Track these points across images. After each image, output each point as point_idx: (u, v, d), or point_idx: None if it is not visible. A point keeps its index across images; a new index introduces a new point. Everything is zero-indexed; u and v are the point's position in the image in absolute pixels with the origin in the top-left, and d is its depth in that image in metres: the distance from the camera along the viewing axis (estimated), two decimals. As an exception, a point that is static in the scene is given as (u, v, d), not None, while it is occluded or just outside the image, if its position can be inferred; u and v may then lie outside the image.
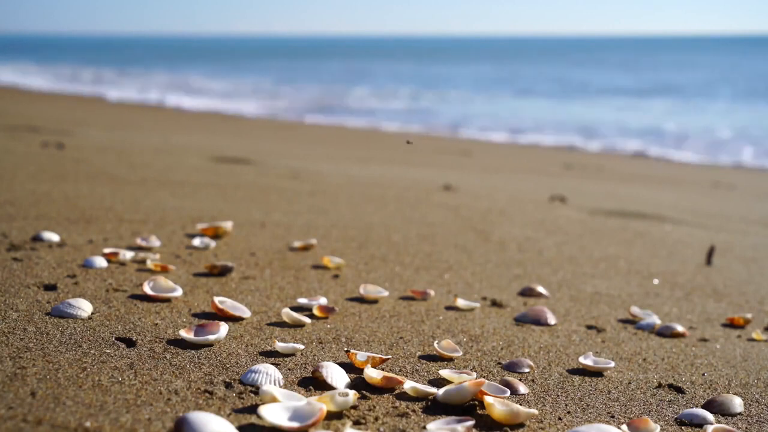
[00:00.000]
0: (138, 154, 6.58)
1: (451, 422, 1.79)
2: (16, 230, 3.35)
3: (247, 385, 1.93)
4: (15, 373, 1.85)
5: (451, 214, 4.85)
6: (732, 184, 8.76)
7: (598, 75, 36.73)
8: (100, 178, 5.04)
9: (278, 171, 6.33)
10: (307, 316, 2.57)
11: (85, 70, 34.89)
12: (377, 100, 22.76)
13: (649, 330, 2.79)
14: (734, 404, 2.11)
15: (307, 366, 2.12)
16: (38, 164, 5.36)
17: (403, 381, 1.99)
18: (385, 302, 2.84)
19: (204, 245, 3.38)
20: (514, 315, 2.82)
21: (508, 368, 2.27)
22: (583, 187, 7.40)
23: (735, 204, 7.03)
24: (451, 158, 9.70)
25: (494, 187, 6.66)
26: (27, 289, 2.54)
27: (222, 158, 6.92)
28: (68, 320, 2.27)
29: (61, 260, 2.94)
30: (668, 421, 2.00)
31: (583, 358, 2.33)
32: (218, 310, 2.45)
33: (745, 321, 2.97)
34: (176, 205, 4.29)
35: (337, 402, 1.80)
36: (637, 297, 3.26)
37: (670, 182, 8.73)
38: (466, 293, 3.06)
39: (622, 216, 5.42)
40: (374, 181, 6.24)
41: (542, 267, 3.63)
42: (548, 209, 5.42)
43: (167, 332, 2.27)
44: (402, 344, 2.40)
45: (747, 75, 35.55)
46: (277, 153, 8.27)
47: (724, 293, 3.46)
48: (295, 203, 4.76)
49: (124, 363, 2.00)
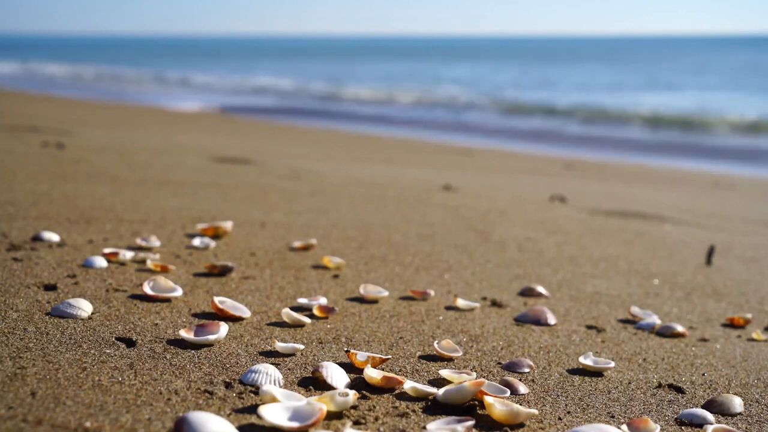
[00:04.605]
0: (138, 154, 6.58)
1: (451, 422, 1.79)
2: (16, 230, 3.35)
3: (247, 385, 1.93)
4: (15, 373, 1.84)
5: (451, 214, 4.85)
6: (732, 184, 8.76)
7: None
8: (100, 178, 5.04)
9: (278, 171, 6.33)
10: (307, 316, 2.57)
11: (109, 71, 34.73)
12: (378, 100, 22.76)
13: (649, 330, 2.79)
14: (734, 404, 2.11)
15: (307, 366, 2.12)
16: (38, 164, 5.36)
17: (403, 381, 1.99)
18: (385, 302, 2.84)
19: (204, 245, 3.38)
20: (514, 315, 2.82)
21: (508, 368, 2.27)
22: (583, 187, 7.40)
23: (735, 204, 7.03)
24: (451, 158, 9.70)
25: (494, 187, 6.66)
26: (27, 289, 2.54)
27: (222, 158, 6.92)
28: (68, 320, 2.27)
29: (61, 260, 2.94)
30: (668, 421, 2.00)
31: (583, 358, 2.33)
32: (218, 310, 2.45)
33: (745, 321, 2.97)
34: (176, 205, 4.29)
35: (337, 402, 1.80)
36: (637, 297, 3.26)
37: (670, 182, 8.72)
38: (466, 293, 3.06)
39: (622, 216, 5.42)
40: (374, 181, 6.24)
41: (542, 267, 3.63)
42: (548, 209, 5.42)
43: (167, 332, 2.27)
44: (402, 344, 2.40)
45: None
46: (277, 153, 8.28)
47: (724, 293, 3.46)
48: (295, 203, 4.76)
49: (124, 363, 2.00)
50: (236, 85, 28.87)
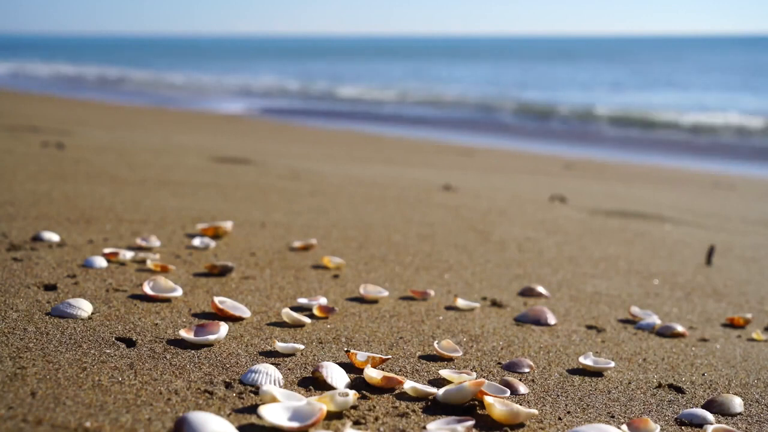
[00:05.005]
0: (138, 154, 6.58)
1: (451, 422, 1.79)
2: (16, 230, 3.35)
3: (247, 385, 1.93)
4: (15, 373, 1.84)
5: (451, 214, 4.85)
6: (732, 184, 8.76)
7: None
8: (100, 178, 5.04)
9: (278, 171, 6.33)
10: (307, 316, 2.57)
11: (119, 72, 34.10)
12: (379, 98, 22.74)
13: (649, 330, 2.79)
14: (734, 404, 2.11)
15: (307, 366, 2.12)
16: (38, 164, 5.36)
17: (403, 381, 1.99)
18: (385, 302, 2.84)
19: (204, 245, 3.38)
20: (514, 315, 2.82)
21: (508, 368, 2.27)
22: (583, 187, 7.40)
23: (735, 204, 7.03)
24: (451, 158, 9.70)
25: (494, 187, 6.66)
26: (27, 289, 2.54)
27: (222, 158, 6.92)
28: (68, 320, 2.27)
29: (61, 260, 2.94)
30: (668, 421, 2.00)
31: (583, 358, 2.33)
32: (218, 310, 2.45)
33: (745, 321, 2.97)
34: (176, 205, 4.29)
35: (337, 402, 1.80)
36: (637, 297, 3.26)
37: (670, 182, 8.72)
38: (466, 293, 3.06)
39: (622, 216, 5.42)
40: (374, 181, 6.24)
41: (542, 267, 3.63)
42: (548, 209, 5.42)
43: (167, 332, 2.27)
44: (402, 344, 2.40)
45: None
46: (277, 153, 8.28)
47: (724, 293, 3.46)
48: (295, 203, 4.76)
49: (124, 363, 2.00)
50: (267, 86, 28.26)
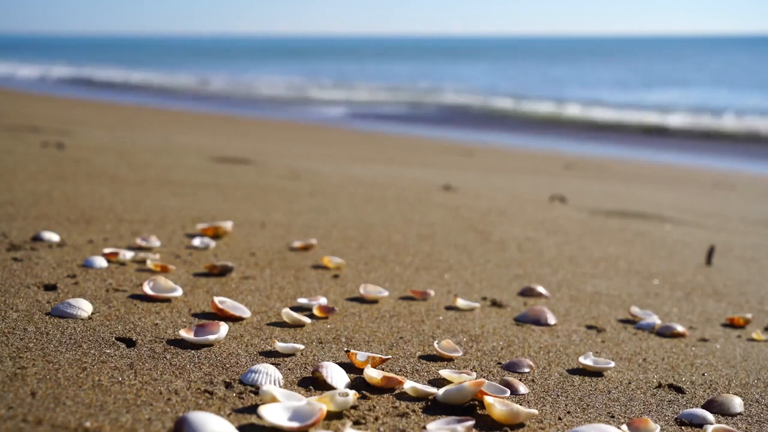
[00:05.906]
0: (138, 154, 6.58)
1: (451, 422, 1.79)
2: (16, 230, 3.35)
3: (247, 385, 1.93)
4: (15, 373, 1.85)
5: (451, 214, 4.85)
6: (732, 184, 8.76)
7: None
8: (100, 178, 5.04)
9: (278, 171, 6.33)
10: (307, 316, 2.57)
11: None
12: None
13: (649, 330, 2.79)
14: (734, 404, 2.11)
15: (307, 366, 2.12)
16: (38, 164, 5.36)
17: (403, 381, 1.99)
18: (385, 302, 2.84)
19: (204, 245, 3.38)
20: (514, 315, 2.82)
21: (508, 368, 2.27)
22: (583, 187, 7.40)
23: (735, 204, 7.03)
24: (451, 158, 9.70)
25: (494, 187, 6.66)
26: (27, 289, 2.54)
27: (222, 158, 6.92)
28: (68, 320, 2.27)
29: (61, 260, 2.94)
30: (668, 421, 2.00)
31: (583, 358, 2.33)
32: (218, 310, 2.45)
33: (745, 321, 2.97)
34: (176, 205, 4.29)
35: (337, 402, 1.80)
36: (637, 297, 3.26)
37: (670, 182, 8.72)
38: (466, 293, 3.06)
39: (622, 216, 5.42)
40: (374, 181, 6.24)
41: (542, 267, 3.63)
42: (548, 209, 5.42)
43: (167, 332, 2.27)
44: (402, 344, 2.40)
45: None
46: (277, 153, 8.27)
47: (724, 293, 3.46)
48: (295, 203, 4.76)
49: (124, 363, 2.00)
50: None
